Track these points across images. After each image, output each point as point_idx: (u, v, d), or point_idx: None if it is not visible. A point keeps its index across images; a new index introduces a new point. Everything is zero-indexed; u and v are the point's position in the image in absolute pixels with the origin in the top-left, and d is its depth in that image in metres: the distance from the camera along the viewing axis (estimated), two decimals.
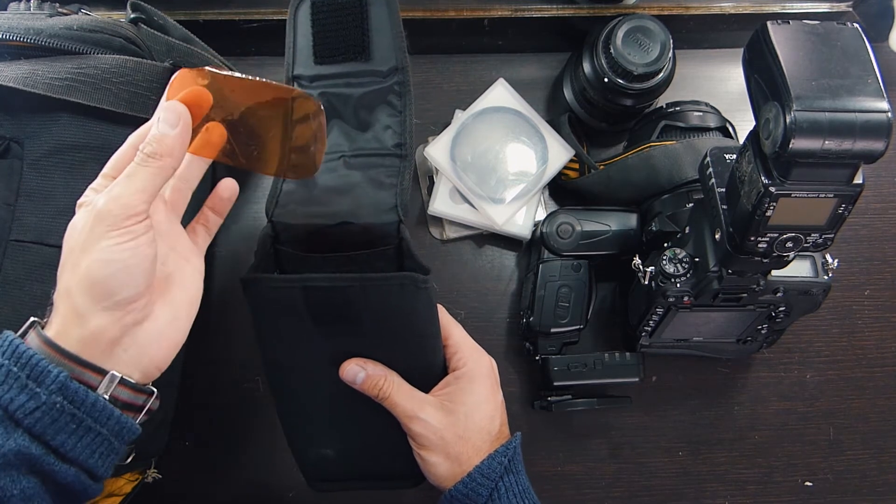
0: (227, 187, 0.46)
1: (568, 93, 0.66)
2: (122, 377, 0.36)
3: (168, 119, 0.37)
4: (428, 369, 0.47)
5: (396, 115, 0.46)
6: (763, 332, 0.57)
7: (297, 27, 0.48)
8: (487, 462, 0.44)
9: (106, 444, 0.35)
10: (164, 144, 0.37)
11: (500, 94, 0.64)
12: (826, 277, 0.51)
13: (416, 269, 0.44)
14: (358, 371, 0.45)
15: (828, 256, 0.52)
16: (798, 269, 0.51)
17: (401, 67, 0.46)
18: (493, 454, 0.44)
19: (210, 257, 0.62)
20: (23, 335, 0.36)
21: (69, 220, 0.47)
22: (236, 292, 0.47)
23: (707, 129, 0.59)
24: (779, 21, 0.38)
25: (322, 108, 0.40)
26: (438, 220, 0.65)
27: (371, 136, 0.46)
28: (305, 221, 0.45)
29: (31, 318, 0.37)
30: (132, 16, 0.52)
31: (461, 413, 0.45)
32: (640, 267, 0.53)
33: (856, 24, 0.39)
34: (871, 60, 0.37)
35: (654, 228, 0.55)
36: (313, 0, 0.47)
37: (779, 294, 0.51)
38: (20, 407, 0.32)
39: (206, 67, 0.38)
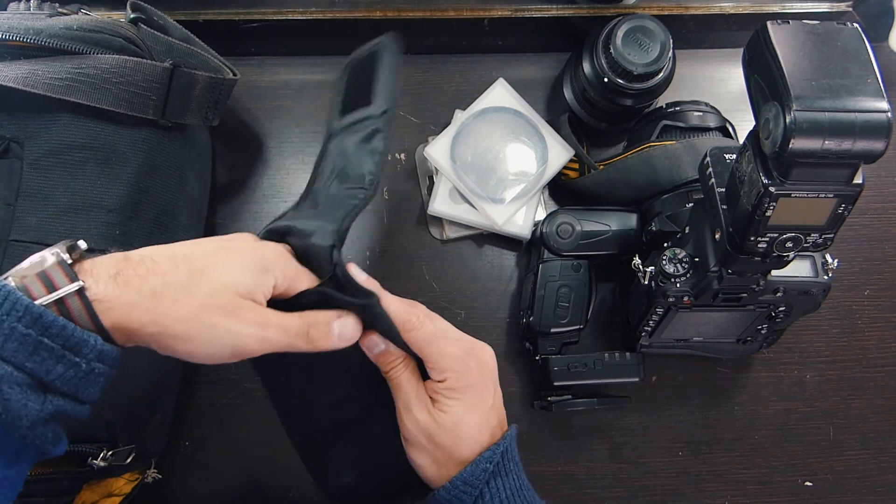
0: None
1: (568, 93, 0.66)
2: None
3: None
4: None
5: (378, 153, 0.46)
6: (763, 332, 0.57)
7: (337, 86, 0.50)
8: (471, 469, 0.42)
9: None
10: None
11: (500, 94, 0.64)
12: (826, 277, 0.51)
13: (356, 294, 0.42)
14: (378, 343, 0.43)
15: (828, 256, 0.52)
16: (798, 269, 0.51)
17: (390, 108, 0.47)
18: (478, 460, 0.43)
19: None
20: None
21: (69, 220, 0.47)
22: None
23: (707, 129, 0.59)
24: (779, 21, 0.38)
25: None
26: (438, 220, 0.65)
27: (359, 175, 0.46)
28: None
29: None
30: (132, 16, 0.52)
31: (448, 423, 0.43)
32: (640, 267, 0.53)
33: (856, 24, 0.39)
34: (871, 60, 0.37)
35: (654, 228, 0.55)
36: (349, 63, 0.50)
37: (779, 294, 0.51)
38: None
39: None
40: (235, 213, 0.64)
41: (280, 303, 0.39)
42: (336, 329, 0.40)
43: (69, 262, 0.33)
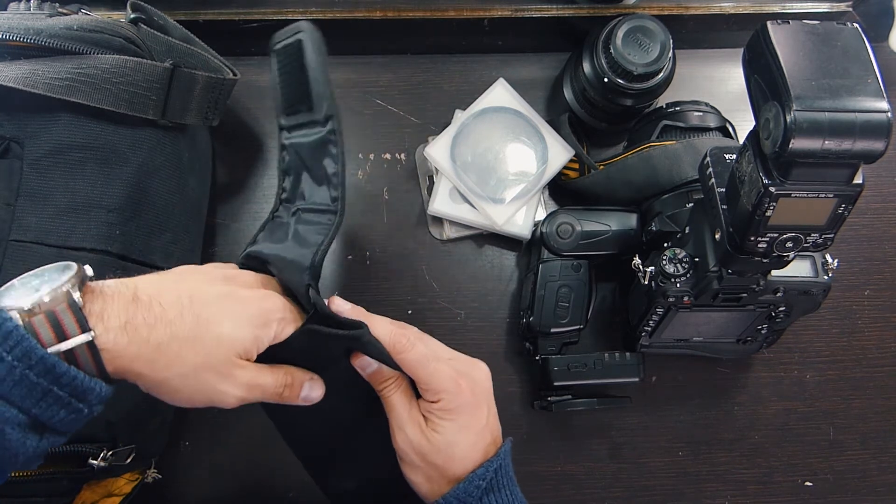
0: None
1: (568, 93, 0.66)
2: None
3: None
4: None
5: (335, 165, 0.44)
6: (763, 332, 0.57)
7: (273, 78, 0.48)
8: (464, 486, 0.42)
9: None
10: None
11: (500, 94, 0.64)
12: (826, 277, 0.51)
13: (342, 326, 0.42)
14: (371, 362, 0.44)
15: (828, 256, 0.52)
16: (798, 269, 0.51)
17: (333, 115, 0.44)
18: (470, 477, 0.43)
19: (209, 258, 0.62)
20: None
21: (69, 220, 0.47)
22: None
23: (707, 129, 0.59)
24: (779, 21, 0.38)
25: None
26: (438, 220, 0.65)
27: (324, 190, 0.45)
28: None
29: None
30: (132, 16, 0.52)
31: (442, 443, 0.43)
32: (640, 267, 0.53)
33: (856, 24, 0.39)
34: (871, 60, 0.37)
35: (654, 228, 0.55)
36: (274, 49, 0.47)
37: (779, 294, 0.51)
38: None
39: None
40: (235, 213, 0.64)
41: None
42: (304, 391, 0.42)
43: (80, 304, 0.32)
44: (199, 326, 0.36)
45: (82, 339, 0.32)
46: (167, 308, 0.35)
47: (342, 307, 0.44)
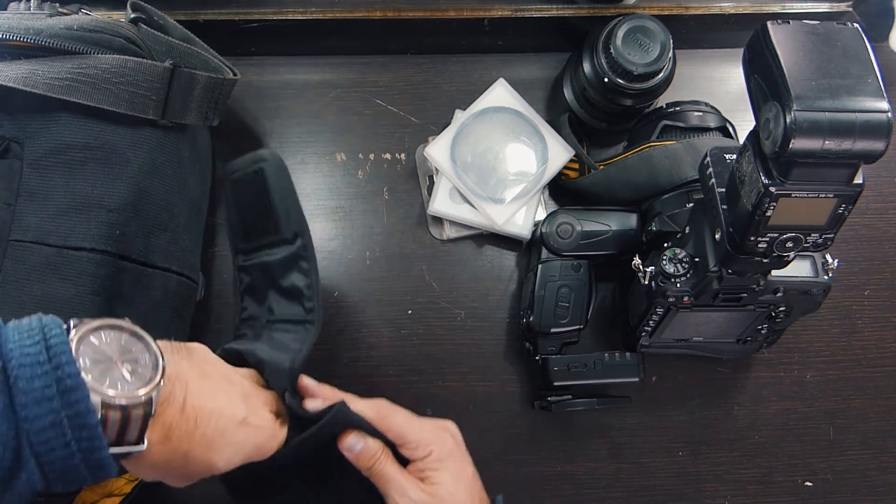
0: None
1: (568, 93, 0.66)
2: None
3: None
4: None
5: (306, 279, 0.46)
6: (763, 332, 0.57)
7: (227, 204, 0.50)
8: None
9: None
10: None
11: (500, 94, 0.64)
12: (826, 277, 0.51)
13: (322, 414, 0.43)
14: (357, 442, 0.45)
15: (828, 256, 0.52)
16: (798, 269, 0.51)
17: (301, 232, 0.46)
18: None
19: (209, 258, 0.62)
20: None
21: (69, 220, 0.48)
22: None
23: (707, 129, 0.59)
24: (779, 21, 0.38)
25: None
26: (438, 220, 0.65)
27: (295, 304, 0.47)
28: None
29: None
30: (132, 16, 0.52)
31: (444, 493, 0.45)
32: (640, 267, 0.53)
33: (856, 24, 0.39)
34: (871, 60, 0.38)
35: (654, 228, 0.55)
36: (230, 179, 0.48)
37: (779, 294, 0.51)
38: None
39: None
40: None
41: None
42: None
43: (153, 414, 0.34)
44: (206, 451, 0.38)
45: (133, 450, 0.33)
46: (198, 426, 0.37)
47: (321, 393, 0.46)
